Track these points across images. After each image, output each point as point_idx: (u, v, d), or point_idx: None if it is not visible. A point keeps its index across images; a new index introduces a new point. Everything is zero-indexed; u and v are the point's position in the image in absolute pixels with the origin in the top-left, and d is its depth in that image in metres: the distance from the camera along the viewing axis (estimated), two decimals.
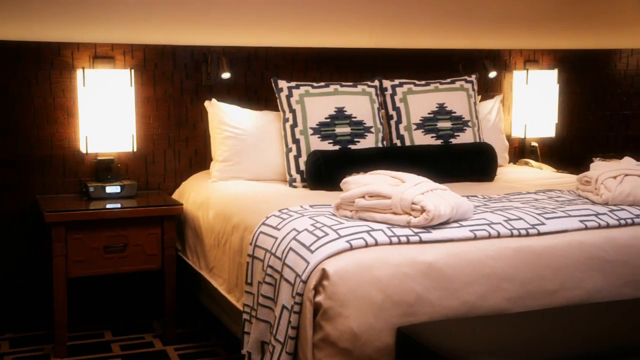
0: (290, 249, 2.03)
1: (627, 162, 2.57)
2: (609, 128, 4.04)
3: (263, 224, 2.28)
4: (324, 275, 1.86)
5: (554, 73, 3.72)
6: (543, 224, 2.15)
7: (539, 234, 2.11)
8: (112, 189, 3.00)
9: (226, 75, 3.26)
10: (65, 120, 3.11)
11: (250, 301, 2.19)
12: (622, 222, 2.21)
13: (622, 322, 1.93)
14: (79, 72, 3.03)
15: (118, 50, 3.16)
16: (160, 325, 3.14)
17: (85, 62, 3.10)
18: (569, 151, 3.97)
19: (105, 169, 3.06)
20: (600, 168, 2.53)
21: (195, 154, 3.32)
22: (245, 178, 3.07)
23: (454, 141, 3.21)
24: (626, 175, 2.42)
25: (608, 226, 2.19)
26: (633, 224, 2.22)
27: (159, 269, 2.93)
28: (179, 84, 3.27)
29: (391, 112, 3.23)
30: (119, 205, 2.90)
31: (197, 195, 2.99)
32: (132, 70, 3.07)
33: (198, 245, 2.88)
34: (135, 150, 3.10)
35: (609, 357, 1.77)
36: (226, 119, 3.12)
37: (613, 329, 1.88)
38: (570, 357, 1.74)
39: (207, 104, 3.21)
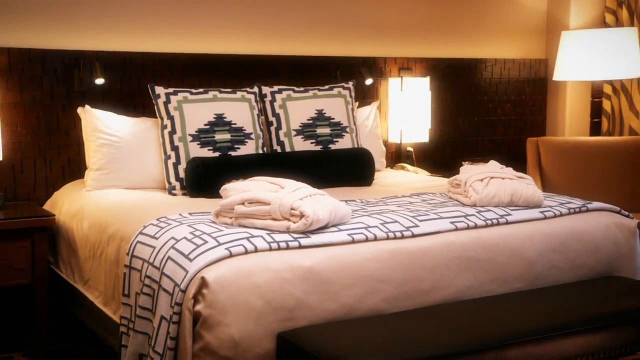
0: (169, 258, 1.99)
1: (493, 165, 2.72)
2: (477, 133, 4.27)
3: (140, 233, 2.22)
4: (203, 283, 1.84)
5: (426, 80, 3.88)
6: (417, 226, 2.23)
7: (413, 235, 2.19)
8: None
9: (100, 81, 3.15)
10: None
11: (127, 313, 2.13)
12: (489, 222, 2.34)
13: (489, 318, 2.04)
14: None
15: None
16: (32, 342, 2.98)
17: None
18: (441, 155, 4.15)
19: None
20: (468, 171, 2.66)
21: (68, 163, 3.19)
22: (122, 186, 2.98)
23: (333, 147, 3.27)
24: (492, 178, 2.56)
25: (476, 226, 2.30)
26: (498, 223, 2.35)
27: (30, 284, 2.78)
28: (49, 90, 3.13)
29: (271, 118, 3.25)
30: None
31: (71, 205, 2.87)
32: None
33: (72, 257, 2.76)
34: (1, 159, 2.93)
35: (479, 350, 1.86)
36: (101, 126, 3.02)
37: (482, 324, 1.98)
38: (444, 353, 1.82)
39: (80, 110, 3.09)
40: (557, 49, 4.09)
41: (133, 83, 3.30)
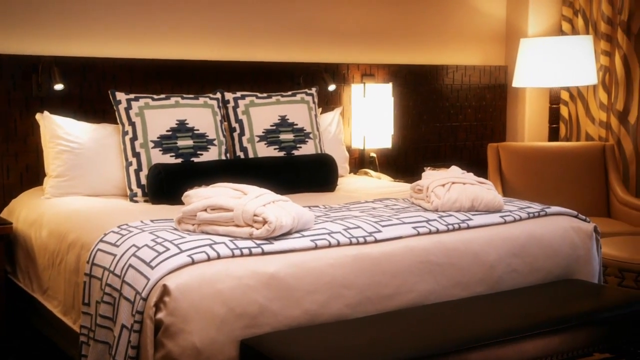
0: (130, 265, 1.97)
1: (454, 170, 2.76)
2: (439, 139, 4.31)
3: (101, 240, 2.20)
4: (165, 291, 1.83)
5: (389, 87, 3.92)
6: (379, 231, 2.25)
7: (376, 241, 2.21)
8: None
9: (59, 86, 3.10)
10: None
11: (87, 322, 2.10)
12: (450, 227, 2.36)
13: (451, 322, 2.06)
14: None
15: None
16: None
17: None
18: (404, 161, 4.18)
19: None
20: (430, 177, 2.69)
21: (26, 170, 3.13)
22: (82, 194, 2.94)
23: (296, 153, 3.28)
24: (453, 183, 2.59)
25: (438, 231, 2.33)
26: (459, 228, 2.38)
27: None
28: (5, 96, 3.07)
29: (234, 124, 3.24)
30: None
31: (29, 213, 2.82)
32: None
33: (30, 266, 2.71)
34: None
35: (441, 354, 1.88)
36: (60, 132, 2.97)
37: (444, 329, 2.00)
38: (407, 357, 1.83)
39: (38, 116, 3.04)
40: (516, 56, 4.17)
41: (93, 89, 3.26)
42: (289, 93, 3.44)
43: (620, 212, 3.84)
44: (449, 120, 4.34)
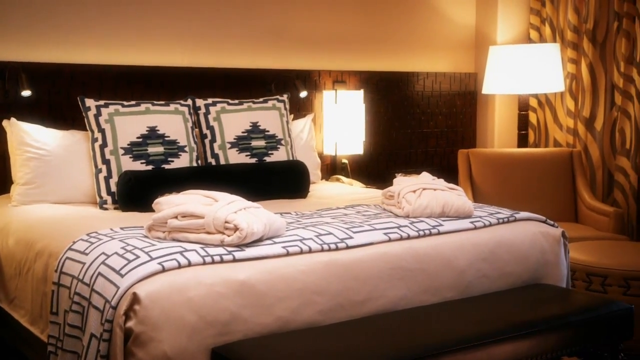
0: (99, 274, 1.95)
1: (425, 177, 2.78)
2: (410, 145, 4.34)
3: (70, 249, 2.17)
4: (135, 299, 1.81)
5: (360, 93, 3.94)
6: (351, 237, 2.25)
7: (348, 247, 2.21)
8: None
9: (26, 93, 3.06)
10: None
11: (55, 332, 2.07)
12: (421, 232, 2.38)
13: (422, 327, 2.07)
14: None
15: None
16: None
17: None
18: (375, 167, 4.20)
19: None
20: (401, 183, 2.70)
21: None
22: (51, 201, 2.90)
23: (268, 159, 3.27)
24: (424, 189, 2.61)
25: (409, 237, 2.34)
26: (430, 234, 2.39)
27: None
28: None
29: (205, 131, 3.23)
30: None
31: None
32: None
33: None
34: None
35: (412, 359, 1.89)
36: (28, 139, 2.93)
37: (415, 334, 2.01)
38: None
39: (5, 123, 2.99)
40: (486, 63, 4.22)
41: (62, 95, 3.22)
42: (261, 100, 3.44)
43: (587, 217, 3.91)
44: (420, 127, 4.38)
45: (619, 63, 4.03)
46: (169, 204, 2.20)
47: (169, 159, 3.01)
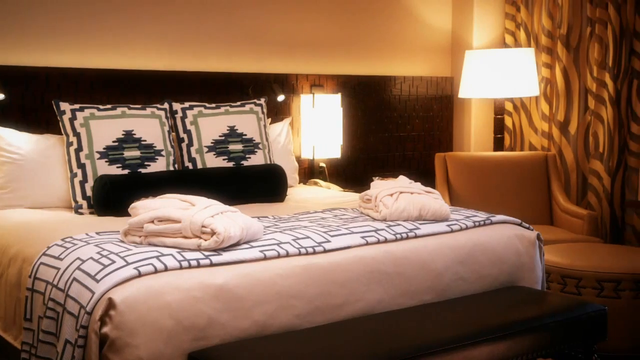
0: (74, 279, 1.93)
1: (402, 180, 2.79)
2: (387, 149, 4.36)
3: (44, 254, 2.15)
4: (111, 304, 1.79)
5: (338, 97, 3.95)
6: (328, 241, 2.25)
7: (325, 251, 2.21)
8: None
9: (0, 96, 3.02)
10: None
11: (29, 338, 2.04)
12: (398, 236, 2.39)
13: (399, 330, 2.08)
14: None
15: None
16: None
17: None
18: (353, 171, 4.21)
19: None
20: (379, 187, 2.71)
21: None
22: (25, 206, 2.87)
23: (245, 163, 3.26)
24: (401, 192, 2.62)
25: (386, 241, 2.35)
26: (407, 237, 2.40)
27: None
28: None
29: (182, 135, 3.21)
30: None
31: None
32: None
33: None
34: None
35: None
36: (1, 143, 2.90)
37: (392, 337, 2.02)
38: None
39: None
40: (462, 68, 4.26)
41: (36, 99, 3.19)
42: (238, 103, 3.43)
43: (562, 220, 3.95)
44: (397, 131, 4.40)
45: (592, 68, 4.09)
46: (145, 208, 2.19)
47: (146, 163, 2.99)
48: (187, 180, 3.01)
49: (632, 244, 3.94)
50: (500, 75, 4.05)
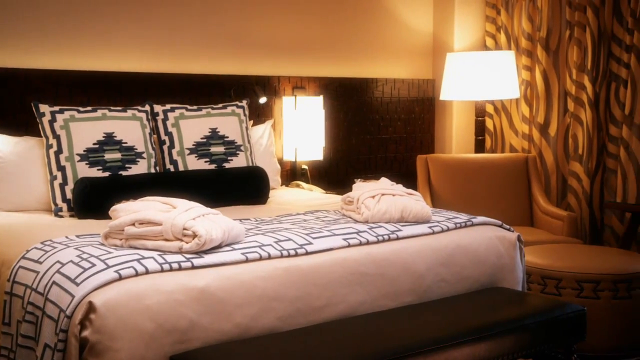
0: (54, 282, 1.91)
1: (384, 182, 2.80)
2: (369, 151, 4.37)
3: (23, 257, 2.12)
4: (91, 308, 1.78)
5: (320, 99, 3.95)
6: (310, 243, 2.25)
7: (307, 253, 2.21)
8: None
9: None
10: None
11: (8, 343, 2.02)
12: (380, 238, 2.39)
13: (381, 332, 2.08)
14: None
15: None
16: None
17: None
18: (335, 173, 4.22)
19: None
20: (361, 189, 2.72)
21: None
22: (3, 209, 2.85)
23: (227, 165, 3.26)
24: (383, 194, 2.63)
25: (368, 242, 2.35)
26: (389, 239, 2.41)
27: None
28: None
29: (163, 137, 3.20)
30: None
31: None
32: None
33: None
34: None
35: None
36: None
37: (374, 339, 2.03)
38: None
39: None
40: (443, 70, 4.28)
41: (15, 100, 3.15)
42: (220, 105, 3.42)
43: (542, 221, 3.98)
44: (379, 133, 4.41)
45: (571, 70, 4.13)
46: (126, 211, 2.18)
47: (127, 165, 2.97)
48: (169, 182, 3.00)
49: (611, 245, 3.98)
50: (481, 77, 4.08)
